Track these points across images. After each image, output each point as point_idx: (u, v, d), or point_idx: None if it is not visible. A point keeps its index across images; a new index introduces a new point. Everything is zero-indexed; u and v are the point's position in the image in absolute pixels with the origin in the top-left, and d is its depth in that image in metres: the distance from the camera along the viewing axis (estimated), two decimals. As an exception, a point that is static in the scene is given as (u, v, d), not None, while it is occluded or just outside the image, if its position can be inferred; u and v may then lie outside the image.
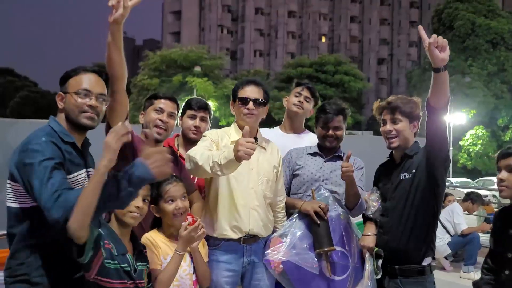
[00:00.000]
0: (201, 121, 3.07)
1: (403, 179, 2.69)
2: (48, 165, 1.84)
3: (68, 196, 1.78)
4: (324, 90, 35.62)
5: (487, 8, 34.74)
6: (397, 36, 61.89)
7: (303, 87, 3.31)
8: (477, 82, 31.69)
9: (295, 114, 3.31)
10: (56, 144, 1.94)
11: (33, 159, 1.84)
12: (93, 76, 2.09)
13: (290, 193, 3.02)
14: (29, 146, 1.88)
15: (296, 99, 3.29)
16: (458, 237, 6.30)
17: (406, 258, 2.65)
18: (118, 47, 2.21)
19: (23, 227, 1.94)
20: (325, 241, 2.68)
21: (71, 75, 2.07)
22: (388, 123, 2.73)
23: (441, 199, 2.72)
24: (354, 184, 2.75)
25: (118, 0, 2.11)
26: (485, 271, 2.58)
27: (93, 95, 2.05)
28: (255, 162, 2.71)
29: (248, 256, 2.70)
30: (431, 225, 2.70)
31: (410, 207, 2.65)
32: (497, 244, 2.52)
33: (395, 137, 2.71)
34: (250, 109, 2.68)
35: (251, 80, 2.81)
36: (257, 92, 2.73)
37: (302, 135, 3.37)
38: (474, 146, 30.49)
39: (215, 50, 49.99)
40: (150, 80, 30.91)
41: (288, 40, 61.07)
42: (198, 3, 59.67)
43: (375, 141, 8.03)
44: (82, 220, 1.74)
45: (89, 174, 2.12)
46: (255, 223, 2.68)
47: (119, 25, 2.17)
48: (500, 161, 2.42)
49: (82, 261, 1.84)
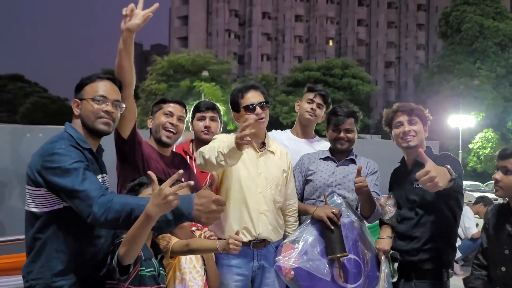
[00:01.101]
0: (211, 121, 3.10)
1: (416, 187, 2.68)
2: (79, 167, 1.90)
3: (114, 199, 1.85)
4: (332, 94, 35.47)
5: (495, 10, 34.56)
6: (405, 39, 61.70)
7: (316, 93, 3.28)
8: (485, 84, 31.49)
9: (308, 121, 3.30)
10: (77, 149, 2.00)
11: (62, 163, 1.89)
12: (108, 83, 2.14)
13: (304, 198, 3.01)
14: (54, 151, 1.92)
15: (309, 106, 3.26)
16: (468, 241, 6.26)
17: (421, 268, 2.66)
18: (128, 55, 2.24)
19: (44, 231, 1.96)
20: (337, 247, 2.67)
21: (87, 83, 2.12)
22: (406, 124, 2.72)
23: (457, 210, 2.70)
24: (369, 196, 2.73)
25: (132, 9, 2.14)
26: (476, 267, 2.60)
27: (109, 101, 2.10)
28: (263, 167, 2.72)
29: (258, 261, 2.71)
30: (447, 236, 2.69)
31: (423, 216, 2.66)
32: (491, 241, 2.54)
33: (413, 136, 2.70)
34: (259, 114, 2.69)
35: (249, 86, 2.80)
36: (259, 96, 2.74)
37: (315, 143, 3.36)
38: (483, 149, 30.25)
39: (223, 55, 50.15)
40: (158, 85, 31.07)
41: (295, 44, 61.14)
42: (205, 8, 59.97)
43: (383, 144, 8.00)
44: (134, 252, 1.84)
45: (104, 179, 2.15)
46: (264, 227, 2.68)
47: (132, 33, 2.19)
48: (498, 162, 2.47)
49: (124, 280, 1.88)
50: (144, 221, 1.77)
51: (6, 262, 3.06)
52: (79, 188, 1.85)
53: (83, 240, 2.00)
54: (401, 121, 2.74)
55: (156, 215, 1.76)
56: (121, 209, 1.82)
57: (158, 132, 2.70)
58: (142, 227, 1.78)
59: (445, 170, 2.20)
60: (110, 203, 1.83)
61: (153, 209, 1.75)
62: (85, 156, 2.02)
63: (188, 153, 3.08)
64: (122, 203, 1.83)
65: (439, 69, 34.69)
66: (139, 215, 1.79)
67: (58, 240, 1.96)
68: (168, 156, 2.76)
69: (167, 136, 2.69)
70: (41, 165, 1.92)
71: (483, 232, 2.64)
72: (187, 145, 3.17)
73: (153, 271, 2.04)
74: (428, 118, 2.79)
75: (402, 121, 2.73)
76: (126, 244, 1.82)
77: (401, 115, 2.74)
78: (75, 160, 1.91)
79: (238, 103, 2.75)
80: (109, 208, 1.82)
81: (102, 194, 1.85)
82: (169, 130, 2.70)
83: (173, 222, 1.85)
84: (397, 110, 2.78)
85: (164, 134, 2.69)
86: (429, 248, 2.64)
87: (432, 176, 2.05)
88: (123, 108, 2.19)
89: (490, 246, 2.54)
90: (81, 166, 1.90)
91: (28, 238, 2.01)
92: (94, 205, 1.83)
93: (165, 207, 1.75)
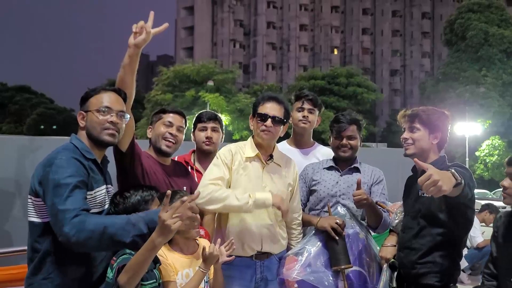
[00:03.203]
0: (213, 131, 3.10)
1: (421, 196, 2.56)
2: (70, 183, 1.88)
3: (87, 219, 1.82)
4: (337, 102, 35.63)
5: (500, 18, 34.54)
6: (410, 47, 61.75)
7: (303, 99, 3.21)
8: (491, 92, 31.38)
9: (303, 129, 3.25)
10: (79, 161, 1.99)
11: (57, 175, 1.89)
12: (112, 94, 2.15)
13: (309, 209, 2.99)
14: (54, 162, 1.93)
15: (300, 114, 3.20)
16: (473, 250, 6.19)
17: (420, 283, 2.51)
18: (132, 70, 2.26)
19: (45, 241, 1.96)
20: (342, 258, 2.64)
21: (92, 94, 2.14)
22: (406, 130, 2.65)
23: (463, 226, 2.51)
24: (372, 207, 2.69)
25: (142, 26, 2.17)
26: (487, 276, 2.53)
27: (114, 112, 2.11)
28: (268, 180, 2.69)
29: (261, 272, 2.67)
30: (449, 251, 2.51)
31: (425, 228, 2.52)
32: (501, 250, 2.47)
33: (410, 144, 2.61)
34: (268, 126, 2.64)
35: (272, 97, 2.74)
36: (277, 110, 2.68)
37: (313, 151, 3.31)
38: (490, 157, 30.06)
39: (228, 64, 50.34)
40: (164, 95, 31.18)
41: (300, 53, 61.32)
42: (211, 19, 60.35)
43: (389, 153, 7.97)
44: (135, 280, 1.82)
45: (108, 190, 2.16)
46: (266, 242, 2.65)
47: (139, 49, 2.21)
48: (507, 168, 2.42)
49: None
50: (147, 249, 1.77)
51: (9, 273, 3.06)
52: (59, 206, 1.83)
53: (83, 253, 1.98)
54: (404, 128, 2.67)
55: (159, 243, 1.77)
56: (94, 229, 1.80)
57: (158, 142, 2.71)
58: (145, 255, 1.78)
59: (449, 174, 2.05)
60: (83, 224, 1.80)
61: (155, 236, 1.75)
62: (88, 167, 2.02)
63: (189, 164, 3.08)
64: (95, 223, 1.82)
65: (444, 77, 34.63)
66: (113, 233, 1.79)
67: (59, 252, 1.95)
68: (168, 166, 2.76)
69: (167, 145, 2.70)
70: (42, 175, 1.93)
71: (492, 240, 2.57)
72: (188, 156, 3.17)
73: (154, 283, 2.02)
74: (443, 123, 2.61)
75: (405, 127, 2.66)
76: (128, 272, 1.80)
77: (405, 121, 2.67)
78: (69, 174, 1.90)
79: (256, 108, 2.73)
80: (81, 229, 1.80)
81: (76, 215, 1.82)
82: (168, 140, 2.70)
83: (148, 236, 1.80)
84: (405, 115, 2.69)
85: (164, 143, 2.69)
86: (427, 261, 2.49)
87: (435, 180, 1.91)
88: (128, 119, 2.20)
89: (500, 255, 2.48)
90: (73, 181, 1.89)
91: (29, 249, 2.01)
92: (66, 225, 1.80)
93: (166, 231, 1.75)
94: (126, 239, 1.82)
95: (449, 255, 2.51)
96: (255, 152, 2.68)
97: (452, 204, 2.36)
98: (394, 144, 4.49)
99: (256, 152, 2.68)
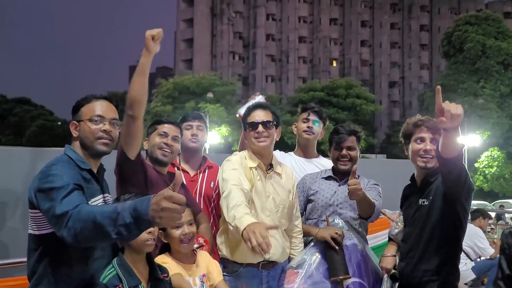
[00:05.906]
0: (198, 130, 3.15)
1: (422, 205, 2.55)
2: (67, 184, 1.85)
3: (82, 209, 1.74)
4: (336, 114, 35.67)
5: (497, 30, 34.79)
6: (408, 59, 62.04)
7: (309, 111, 3.29)
8: (490, 103, 31.50)
9: (307, 140, 3.31)
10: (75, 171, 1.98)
11: (53, 183, 1.86)
12: (104, 102, 2.13)
13: (305, 218, 2.99)
14: (48, 172, 1.91)
15: (305, 125, 3.27)
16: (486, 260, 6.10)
17: None
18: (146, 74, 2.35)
19: (43, 254, 1.95)
20: (340, 268, 2.64)
21: (83, 104, 2.11)
22: (428, 142, 2.54)
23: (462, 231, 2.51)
24: (365, 198, 2.64)
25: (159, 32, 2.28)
26: None
27: (107, 120, 2.09)
28: (271, 189, 2.71)
29: (266, 283, 2.67)
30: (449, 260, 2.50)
31: (427, 236, 2.51)
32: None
33: (433, 157, 2.50)
34: (260, 132, 2.66)
35: (256, 105, 2.81)
36: (264, 115, 2.72)
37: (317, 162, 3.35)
38: (490, 168, 30.06)
39: (227, 76, 50.53)
40: (164, 107, 31.29)
41: (299, 65, 61.57)
42: (210, 31, 60.69)
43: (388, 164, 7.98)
44: None
45: (106, 199, 2.14)
46: (274, 250, 2.63)
47: (152, 54, 2.32)
48: None
49: None
50: None
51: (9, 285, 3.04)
52: (56, 211, 1.79)
53: (83, 263, 1.98)
54: (423, 137, 2.55)
55: None
56: (86, 218, 1.71)
57: (154, 152, 2.74)
58: None
59: None
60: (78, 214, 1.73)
61: None
62: (84, 176, 2.00)
63: (175, 165, 3.10)
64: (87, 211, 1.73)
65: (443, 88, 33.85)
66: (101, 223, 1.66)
67: (59, 263, 1.94)
68: (165, 175, 2.77)
69: (163, 154, 2.73)
70: (36, 187, 1.91)
71: (503, 257, 2.51)
72: None
73: None
74: None
75: (425, 137, 2.54)
76: None
77: (425, 131, 2.55)
78: (65, 181, 1.87)
79: (245, 121, 2.77)
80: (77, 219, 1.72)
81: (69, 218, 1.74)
82: (164, 149, 2.73)
83: (133, 225, 1.63)
84: (421, 124, 2.58)
85: (160, 152, 2.73)
86: (428, 270, 2.49)
87: None
88: (120, 125, 2.18)
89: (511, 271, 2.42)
90: (70, 184, 1.86)
91: (29, 261, 2.00)
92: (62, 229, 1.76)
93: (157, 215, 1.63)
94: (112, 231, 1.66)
95: (450, 263, 2.52)
96: (257, 162, 2.69)
97: (452, 213, 2.36)
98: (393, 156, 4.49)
99: (257, 162, 2.69)
